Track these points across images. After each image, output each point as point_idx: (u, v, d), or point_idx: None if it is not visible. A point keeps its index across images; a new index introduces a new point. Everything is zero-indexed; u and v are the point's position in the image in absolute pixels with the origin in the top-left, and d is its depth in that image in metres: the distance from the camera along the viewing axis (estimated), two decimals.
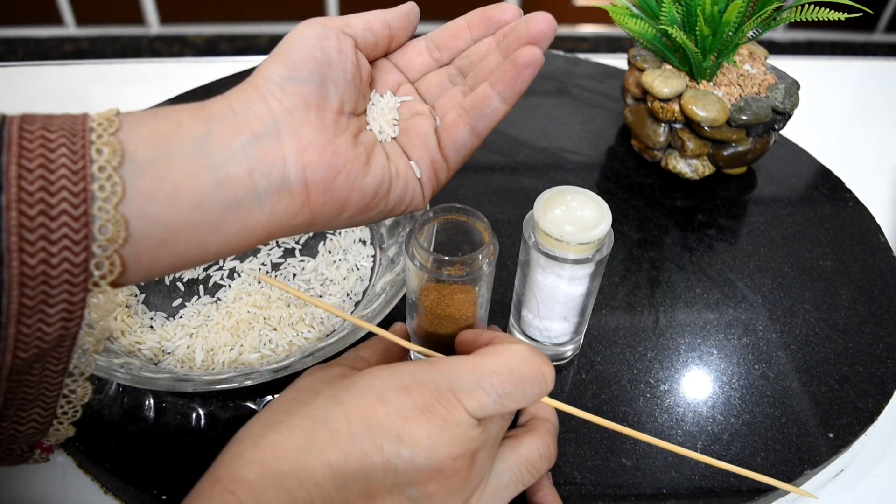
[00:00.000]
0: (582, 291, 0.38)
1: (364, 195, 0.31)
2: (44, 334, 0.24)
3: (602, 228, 0.35)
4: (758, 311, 0.48)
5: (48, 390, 0.27)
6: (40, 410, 0.27)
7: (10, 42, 2.06)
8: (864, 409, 0.42)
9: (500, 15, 0.33)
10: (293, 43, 0.29)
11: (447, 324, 0.35)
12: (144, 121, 0.26)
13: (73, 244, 0.23)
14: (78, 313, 0.24)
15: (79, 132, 0.24)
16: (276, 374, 0.37)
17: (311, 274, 0.47)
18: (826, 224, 0.56)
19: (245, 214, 0.27)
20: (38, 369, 0.25)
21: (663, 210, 0.57)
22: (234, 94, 0.29)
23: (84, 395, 0.28)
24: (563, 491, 0.37)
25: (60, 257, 0.23)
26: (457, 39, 0.34)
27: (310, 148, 0.28)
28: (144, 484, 0.36)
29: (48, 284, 0.23)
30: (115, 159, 0.24)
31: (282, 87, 0.28)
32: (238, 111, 0.28)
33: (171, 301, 0.45)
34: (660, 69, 0.56)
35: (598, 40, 2.23)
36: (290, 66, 0.29)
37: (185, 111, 0.27)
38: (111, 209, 0.24)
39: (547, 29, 0.31)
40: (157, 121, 0.26)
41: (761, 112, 0.53)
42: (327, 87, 0.29)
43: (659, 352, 0.45)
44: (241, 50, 2.01)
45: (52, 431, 0.29)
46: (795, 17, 0.52)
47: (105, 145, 0.24)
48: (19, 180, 0.22)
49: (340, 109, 0.30)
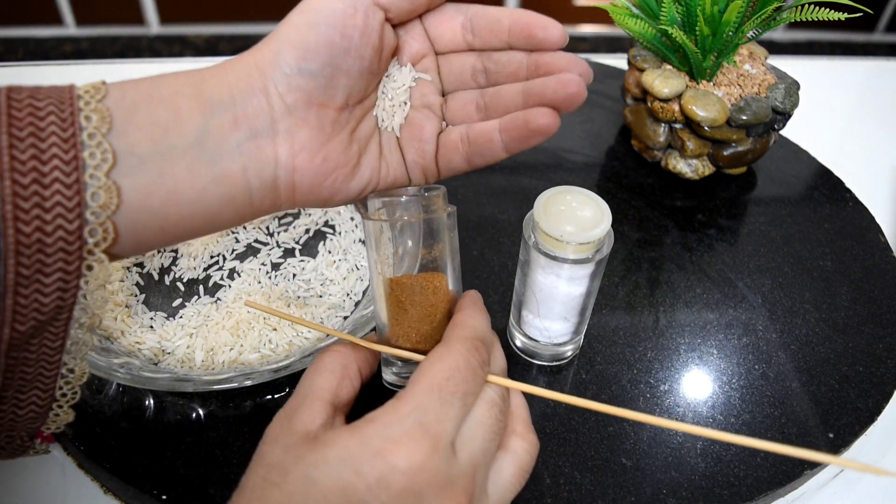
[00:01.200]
0: (582, 291, 0.38)
1: (347, 197, 0.31)
2: (41, 305, 0.24)
3: (602, 228, 0.35)
4: (758, 311, 0.48)
5: (46, 369, 0.27)
6: (39, 392, 0.27)
7: (10, 42, 2.06)
8: (864, 409, 0.42)
9: (542, 35, 0.30)
10: (315, 15, 0.27)
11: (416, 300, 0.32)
12: (140, 106, 0.25)
13: (67, 211, 0.23)
14: (74, 283, 0.24)
15: (66, 100, 0.24)
16: (276, 374, 0.37)
17: (311, 274, 0.47)
18: (826, 224, 0.56)
19: (237, 207, 0.28)
20: (36, 345, 0.25)
21: (663, 210, 0.57)
22: (236, 73, 0.27)
23: (82, 374, 0.28)
24: (563, 491, 0.37)
25: (55, 224, 0.23)
26: (493, 37, 0.31)
27: (302, 153, 0.28)
28: (144, 484, 0.36)
29: (44, 253, 0.23)
30: (104, 126, 0.24)
31: (288, 79, 0.27)
32: (238, 101, 0.27)
33: (171, 301, 0.45)
34: (660, 69, 0.56)
35: (598, 40, 2.23)
36: (302, 52, 0.27)
37: (182, 95, 0.26)
38: (102, 176, 0.24)
39: (576, 94, 0.29)
40: (152, 107, 0.25)
41: (761, 112, 0.53)
42: (337, 81, 0.28)
43: (659, 352, 0.45)
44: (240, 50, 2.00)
45: (52, 417, 0.29)
46: (795, 17, 0.52)
47: (93, 112, 0.24)
48: (11, 149, 0.22)
49: (345, 104, 0.29)
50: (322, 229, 0.50)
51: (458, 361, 0.27)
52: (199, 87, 0.27)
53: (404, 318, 0.32)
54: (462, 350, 0.27)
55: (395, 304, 0.32)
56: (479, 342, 0.29)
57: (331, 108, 0.29)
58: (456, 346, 0.28)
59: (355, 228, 0.50)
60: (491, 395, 0.28)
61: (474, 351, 0.28)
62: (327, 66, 0.27)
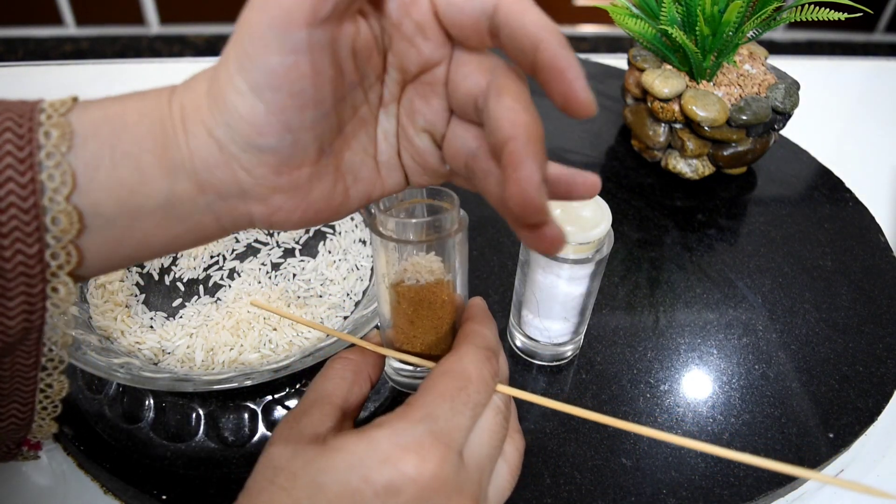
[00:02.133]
0: (582, 291, 0.38)
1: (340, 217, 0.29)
2: (6, 328, 0.24)
3: (602, 228, 0.35)
4: (758, 311, 0.48)
5: (23, 385, 0.27)
6: (18, 406, 0.27)
7: (10, 42, 2.06)
8: (864, 409, 0.42)
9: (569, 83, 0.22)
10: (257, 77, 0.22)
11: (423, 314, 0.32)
12: (102, 163, 0.23)
13: (26, 236, 0.23)
14: (39, 305, 0.24)
15: (27, 114, 0.23)
16: (276, 374, 0.37)
17: (311, 274, 0.47)
18: (826, 224, 0.56)
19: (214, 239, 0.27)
20: (9, 364, 0.25)
21: (663, 210, 0.57)
22: (195, 138, 0.24)
23: (61, 389, 0.28)
24: (563, 491, 0.37)
25: (13, 250, 0.22)
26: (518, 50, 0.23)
27: (279, 213, 0.26)
28: (144, 484, 0.36)
29: (4, 277, 0.23)
30: (64, 144, 0.23)
31: (246, 156, 0.24)
32: (200, 169, 0.24)
33: (171, 301, 0.45)
34: (660, 69, 0.56)
35: (598, 40, 2.23)
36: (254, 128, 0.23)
37: (146, 151, 0.24)
38: (62, 200, 0.23)
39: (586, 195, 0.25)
40: (116, 166, 0.23)
41: (761, 112, 0.53)
42: (303, 141, 0.24)
43: (659, 352, 0.45)
44: None
45: (36, 428, 0.29)
46: (795, 17, 0.52)
47: (54, 127, 0.23)
48: None
49: (318, 154, 0.25)
50: (322, 229, 0.50)
51: (472, 372, 0.27)
52: (164, 144, 0.24)
53: (410, 328, 0.32)
54: (476, 360, 0.27)
55: (401, 315, 0.32)
56: (491, 353, 0.29)
57: (303, 167, 0.25)
58: (469, 355, 0.28)
59: (355, 228, 0.50)
60: (497, 404, 0.28)
61: (486, 362, 0.28)
62: (286, 135, 0.23)
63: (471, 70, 0.24)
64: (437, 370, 0.27)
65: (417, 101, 0.26)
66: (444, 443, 0.25)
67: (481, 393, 0.27)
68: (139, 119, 0.24)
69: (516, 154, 0.22)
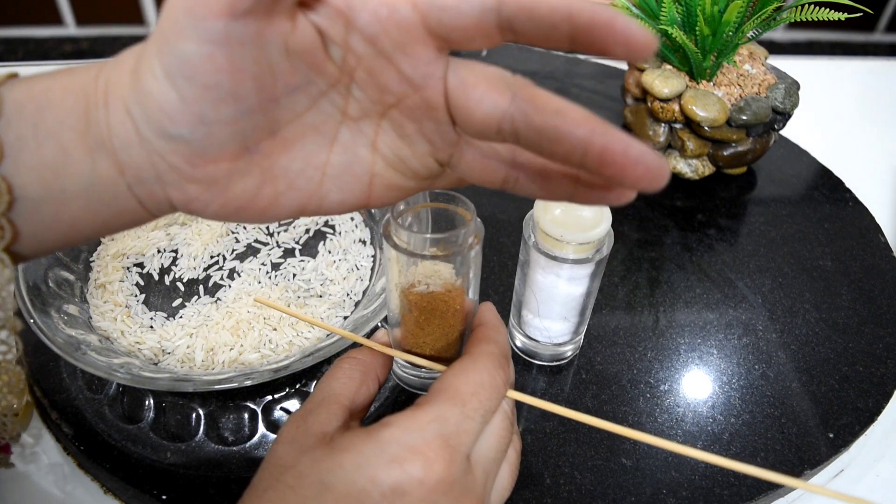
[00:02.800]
0: (582, 291, 0.38)
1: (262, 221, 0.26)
2: None
3: (602, 228, 0.35)
4: (758, 311, 0.48)
5: None
6: None
7: (10, 42, 2.06)
8: (864, 409, 0.42)
9: None
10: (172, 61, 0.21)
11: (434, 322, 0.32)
12: (26, 144, 0.22)
13: None
14: None
15: None
16: (276, 374, 0.37)
17: (311, 274, 0.47)
18: (826, 224, 0.56)
19: (146, 222, 0.26)
20: None
21: (663, 210, 0.57)
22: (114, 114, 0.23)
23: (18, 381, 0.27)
24: (563, 491, 0.37)
25: None
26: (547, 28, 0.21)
27: (195, 202, 0.24)
28: (144, 484, 0.36)
29: None
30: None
31: (160, 141, 0.22)
32: (118, 148, 0.23)
33: (171, 301, 0.45)
34: (660, 69, 0.56)
35: None
36: (166, 114, 0.22)
37: (68, 128, 0.23)
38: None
39: None
40: (39, 144, 0.23)
41: (761, 112, 0.53)
42: (218, 135, 0.22)
43: (659, 352, 0.45)
44: None
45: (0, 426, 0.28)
46: (795, 17, 0.52)
47: None
48: None
49: (240, 151, 0.23)
50: (322, 229, 0.50)
51: (485, 378, 0.27)
52: (86, 121, 0.23)
53: (420, 332, 0.32)
54: (489, 366, 0.27)
55: (411, 320, 0.32)
56: (503, 359, 0.29)
57: (222, 161, 0.23)
58: (482, 361, 0.28)
59: (355, 228, 0.50)
60: (505, 409, 0.28)
61: (500, 369, 0.28)
62: (199, 126, 0.22)
63: (483, 92, 0.22)
64: (450, 373, 0.27)
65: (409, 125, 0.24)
66: (452, 446, 0.25)
67: (493, 399, 0.27)
68: (64, 95, 0.23)
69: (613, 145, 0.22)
